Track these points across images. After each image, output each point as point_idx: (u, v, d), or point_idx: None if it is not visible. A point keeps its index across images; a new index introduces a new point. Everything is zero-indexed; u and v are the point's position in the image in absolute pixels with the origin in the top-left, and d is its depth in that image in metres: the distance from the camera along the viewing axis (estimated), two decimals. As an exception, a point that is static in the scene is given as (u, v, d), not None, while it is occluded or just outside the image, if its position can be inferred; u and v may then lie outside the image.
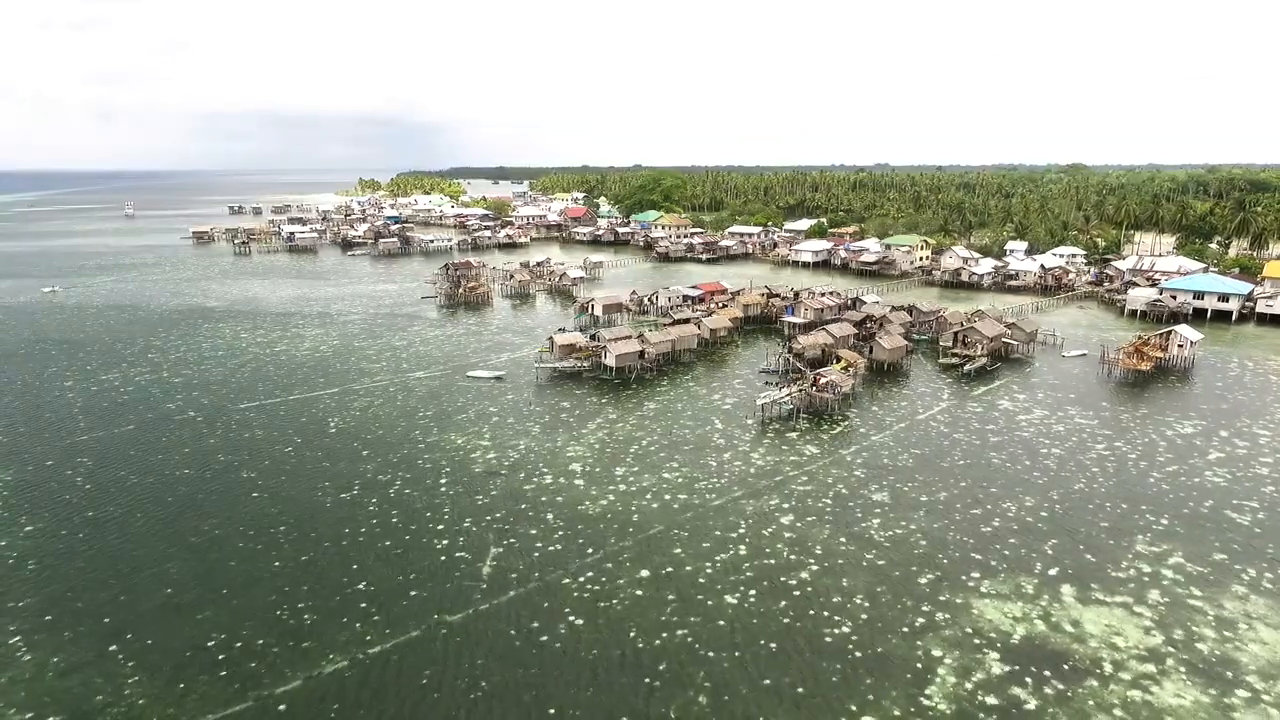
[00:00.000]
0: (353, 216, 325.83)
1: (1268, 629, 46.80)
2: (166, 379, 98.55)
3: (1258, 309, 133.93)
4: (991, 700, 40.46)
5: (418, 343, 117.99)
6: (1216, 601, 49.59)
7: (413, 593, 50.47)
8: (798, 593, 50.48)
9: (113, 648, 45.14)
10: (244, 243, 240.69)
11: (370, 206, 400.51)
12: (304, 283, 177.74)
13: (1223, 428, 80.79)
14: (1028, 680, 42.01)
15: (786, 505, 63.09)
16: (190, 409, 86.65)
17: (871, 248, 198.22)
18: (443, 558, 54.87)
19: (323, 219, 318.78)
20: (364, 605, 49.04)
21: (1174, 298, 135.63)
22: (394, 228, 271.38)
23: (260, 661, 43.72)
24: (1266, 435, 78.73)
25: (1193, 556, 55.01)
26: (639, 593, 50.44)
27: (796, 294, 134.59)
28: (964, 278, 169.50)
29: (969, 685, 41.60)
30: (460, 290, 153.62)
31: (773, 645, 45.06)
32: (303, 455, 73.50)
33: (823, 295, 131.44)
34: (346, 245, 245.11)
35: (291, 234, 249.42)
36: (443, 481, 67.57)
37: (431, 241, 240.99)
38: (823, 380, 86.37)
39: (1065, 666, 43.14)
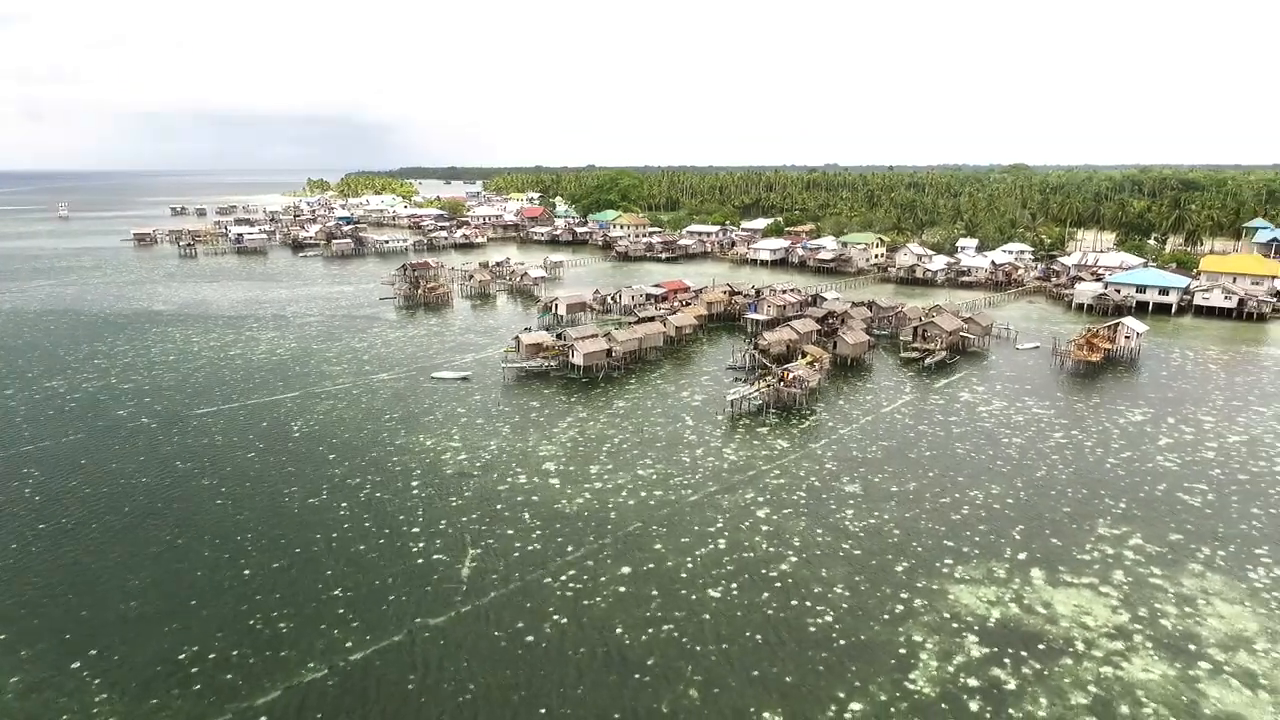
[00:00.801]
0: (302, 217, 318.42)
1: (1224, 604, 48.93)
2: (115, 385, 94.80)
3: (1195, 301, 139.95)
4: (973, 682, 41.46)
5: (379, 344, 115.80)
6: (1176, 580, 51.67)
7: (391, 597, 49.50)
8: (779, 584, 50.98)
9: (75, 664, 43.23)
10: (189, 245, 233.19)
11: (320, 207, 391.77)
12: (255, 285, 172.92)
13: (1170, 415, 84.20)
14: (1006, 661, 43.18)
15: (762, 499, 63.66)
16: (143, 415, 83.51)
17: (828, 245, 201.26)
18: (420, 561, 53.94)
19: (271, 220, 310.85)
20: (341, 611, 47.90)
21: (1118, 291, 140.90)
22: (346, 228, 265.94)
23: (236, 672, 42.36)
24: (1210, 421, 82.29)
25: (1151, 538, 57.21)
26: (622, 590, 50.34)
27: (758, 291, 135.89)
28: (918, 274, 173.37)
29: (951, 668, 42.56)
30: (419, 291, 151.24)
31: (758, 637, 45.43)
32: (266, 460, 71.47)
33: (784, 293, 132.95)
34: (298, 246, 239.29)
35: (240, 235, 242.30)
36: (414, 484, 66.42)
37: (386, 242, 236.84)
38: (790, 375, 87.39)
39: (1040, 646, 44.46)
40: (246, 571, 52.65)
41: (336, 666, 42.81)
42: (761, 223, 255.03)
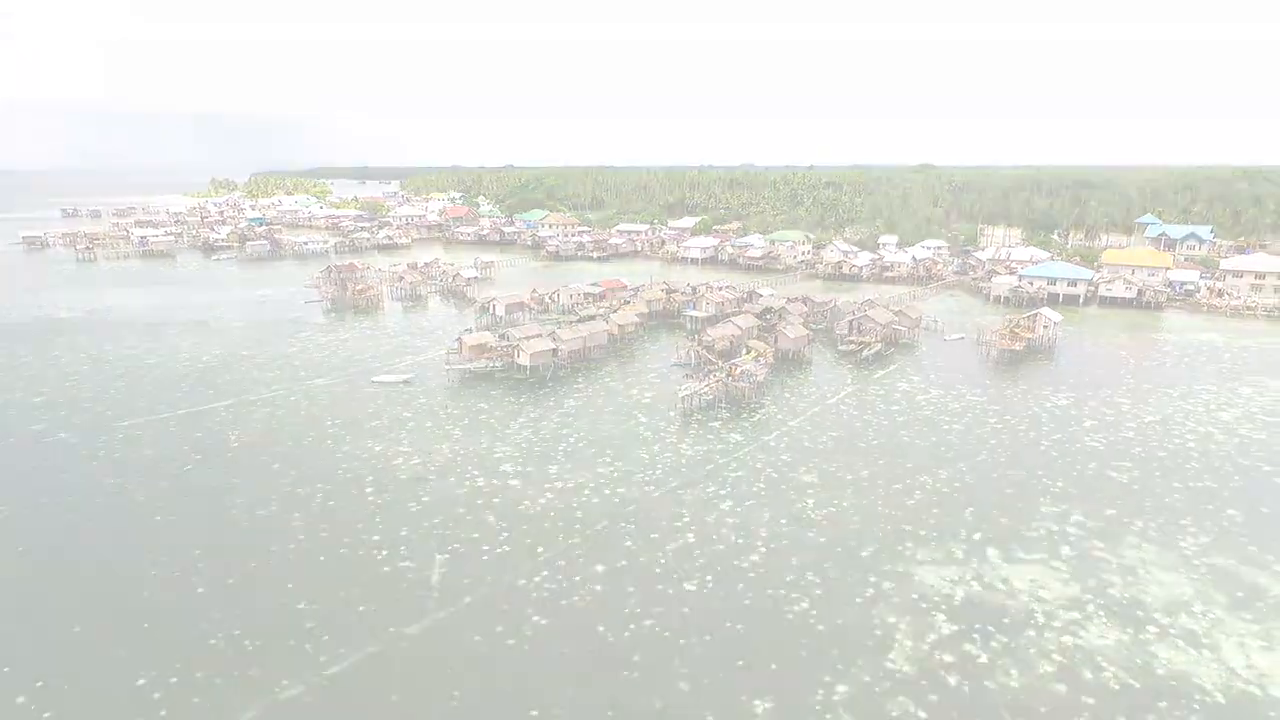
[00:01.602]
0: (210, 219, 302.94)
1: (1161, 571, 52.59)
2: (23, 399, 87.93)
3: (1099, 292, 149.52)
4: (949, 658, 43.22)
5: (311, 349, 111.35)
6: (1116, 551, 55.19)
7: (361, 608, 47.79)
8: (752, 575, 51.80)
9: (20, 699, 40.02)
10: (88, 248, 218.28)
11: (229, 208, 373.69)
12: (167, 290, 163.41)
13: (1090, 398, 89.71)
14: (975, 637, 45.19)
15: (724, 492, 64.51)
16: (61, 430, 77.79)
17: (756, 243, 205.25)
18: (386, 569, 52.30)
19: (177, 222, 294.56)
20: (310, 625, 45.95)
21: (1031, 284, 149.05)
22: (261, 230, 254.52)
23: (204, 696, 40.09)
24: (1127, 403, 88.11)
25: (1089, 513, 60.88)
26: (598, 588, 50.13)
27: (694, 289, 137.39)
28: (845, 270, 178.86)
29: (926, 646, 44.25)
30: (348, 293, 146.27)
31: (739, 627, 46.06)
32: (205, 472, 67.77)
33: (721, 290, 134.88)
34: (209, 249, 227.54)
35: (144, 238, 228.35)
36: (368, 490, 64.30)
37: (305, 244, 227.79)
38: (739, 370, 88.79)
39: (1005, 621, 46.73)
40: (200, 589, 49.85)
41: (313, 683, 41.04)
42: (690, 221, 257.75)
